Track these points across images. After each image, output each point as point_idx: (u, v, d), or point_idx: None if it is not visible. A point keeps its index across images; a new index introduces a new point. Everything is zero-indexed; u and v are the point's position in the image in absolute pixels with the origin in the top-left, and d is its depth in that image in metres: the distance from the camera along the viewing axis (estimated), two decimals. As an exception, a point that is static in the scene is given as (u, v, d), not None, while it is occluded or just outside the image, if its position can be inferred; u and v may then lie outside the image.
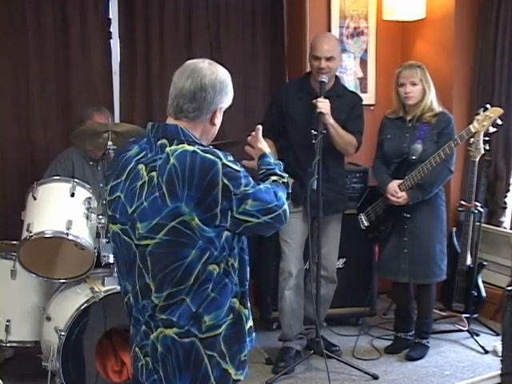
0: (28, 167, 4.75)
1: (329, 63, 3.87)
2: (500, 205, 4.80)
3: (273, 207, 1.98)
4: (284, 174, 2.18)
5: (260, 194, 1.96)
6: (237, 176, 1.92)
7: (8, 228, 4.46)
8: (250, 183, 1.95)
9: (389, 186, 3.99)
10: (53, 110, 4.82)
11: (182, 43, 5.04)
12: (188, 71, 1.99)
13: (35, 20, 4.72)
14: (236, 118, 5.20)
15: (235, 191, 1.90)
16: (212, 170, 1.88)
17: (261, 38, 5.31)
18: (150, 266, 1.94)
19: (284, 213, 2.02)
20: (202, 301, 1.93)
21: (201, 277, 1.91)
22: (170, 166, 1.89)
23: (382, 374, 3.89)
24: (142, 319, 2.01)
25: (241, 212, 1.92)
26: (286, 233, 3.98)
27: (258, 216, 1.95)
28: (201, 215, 1.88)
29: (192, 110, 1.98)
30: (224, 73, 2.04)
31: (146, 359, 2.03)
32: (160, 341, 1.96)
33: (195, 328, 1.94)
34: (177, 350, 1.95)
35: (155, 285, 1.94)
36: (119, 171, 2.01)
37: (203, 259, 1.90)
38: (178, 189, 1.87)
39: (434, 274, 4.06)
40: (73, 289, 3.57)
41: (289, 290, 4.01)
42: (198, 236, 1.89)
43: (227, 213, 1.90)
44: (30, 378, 3.72)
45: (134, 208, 1.95)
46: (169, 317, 1.94)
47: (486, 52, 4.76)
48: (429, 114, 3.96)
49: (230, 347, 1.98)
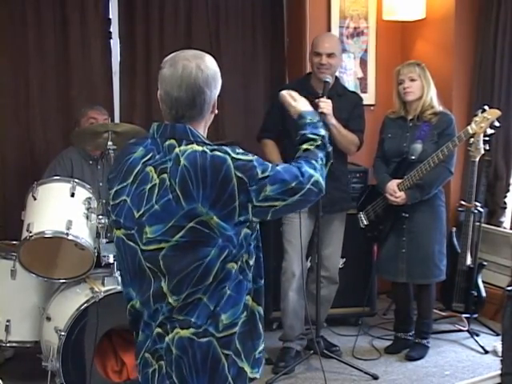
0: (28, 167, 4.75)
1: (330, 60, 3.88)
2: (500, 205, 4.80)
3: (296, 186, 1.93)
4: (318, 135, 2.10)
5: (278, 175, 1.91)
6: (249, 166, 1.88)
7: (8, 228, 4.46)
8: (266, 168, 1.90)
9: (388, 186, 3.99)
10: (53, 109, 4.83)
11: (182, 43, 5.03)
12: (179, 78, 1.91)
13: (35, 20, 4.72)
14: (236, 118, 5.22)
15: (250, 182, 1.87)
16: (223, 167, 1.85)
17: (261, 38, 5.32)
18: (164, 269, 1.89)
19: (315, 185, 1.97)
20: (219, 299, 1.90)
21: (219, 275, 1.89)
22: (182, 167, 1.86)
23: (381, 374, 3.89)
24: (155, 323, 1.96)
25: (262, 199, 1.89)
26: (291, 232, 3.97)
27: (284, 198, 1.91)
28: (219, 213, 1.85)
29: (195, 114, 1.95)
30: (210, 64, 1.97)
31: (159, 363, 1.96)
32: (175, 343, 1.92)
33: (212, 327, 1.91)
34: (194, 350, 1.91)
35: (173, 287, 1.89)
36: (124, 174, 1.96)
37: (222, 257, 1.88)
38: (192, 190, 1.85)
39: (432, 275, 4.06)
40: (73, 289, 3.57)
41: (292, 291, 4.00)
42: (218, 234, 1.86)
43: (247, 205, 1.87)
44: (30, 378, 3.72)
45: (142, 212, 1.90)
46: (186, 317, 1.90)
47: (486, 52, 4.76)
48: (429, 112, 3.96)
49: (244, 345, 1.96)
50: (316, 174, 1.99)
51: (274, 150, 4.05)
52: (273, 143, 4.07)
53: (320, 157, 2.05)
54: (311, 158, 2.04)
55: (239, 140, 4.77)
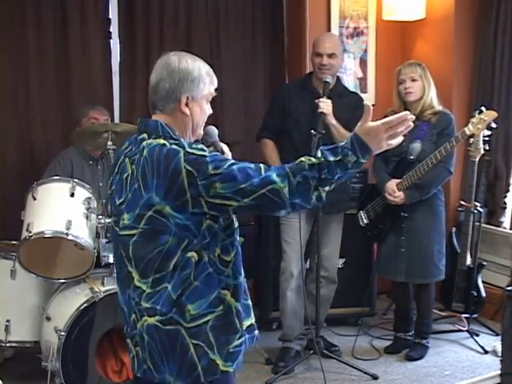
0: (28, 167, 4.75)
1: (331, 60, 3.87)
2: (500, 205, 4.81)
3: (247, 188, 1.86)
4: (326, 157, 1.90)
5: (231, 174, 1.87)
6: (201, 161, 1.88)
7: (8, 228, 4.46)
8: (220, 166, 1.87)
9: (387, 185, 3.99)
10: (53, 110, 4.82)
11: (182, 43, 5.04)
12: (156, 66, 2.04)
13: (35, 20, 4.72)
14: (236, 118, 5.22)
15: (199, 177, 1.87)
16: (175, 159, 1.89)
17: (261, 39, 5.32)
18: (131, 254, 1.99)
19: (273, 193, 1.86)
20: (183, 288, 1.94)
21: (180, 263, 1.93)
22: (143, 158, 1.95)
23: (381, 374, 3.89)
24: (129, 309, 2.05)
25: (213, 196, 1.88)
26: (289, 232, 3.98)
27: (237, 198, 1.88)
28: (171, 203, 1.90)
29: (158, 100, 2.02)
30: (188, 62, 2.02)
31: (136, 349, 2.05)
32: (145, 329, 1.99)
33: (178, 316, 1.95)
34: (161, 337, 1.97)
35: (139, 272, 1.98)
36: (113, 166, 2.11)
37: (182, 246, 1.93)
38: (148, 179, 1.92)
39: (431, 274, 4.06)
40: (72, 289, 3.57)
41: (290, 291, 4.00)
42: (172, 223, 1.91)
43: (198, 199, 1.88)
44: (30, 378, 3.73)
45: (122, 200, 2.01)
46: (153, 305, 1.97)
47: (486, 52, 4.76)
48: (429, 112, 3.96)
49: (218, 338, 1.99)
50: (280, 183, 1.86)
51: (273, 151, 4.05)
52: (272, 143, 4.07)
53: (305, 174, 1.88)
54: (294, 169, 1.90)
55: (239, 140, 4.79)
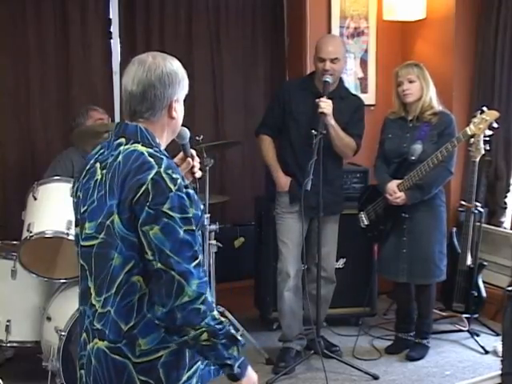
0: (28, 167, 4.74)
1: (333, 65, 3.86)
2: (500, 205, 4.80)
3: (173, 259, 1.70)
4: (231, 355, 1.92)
5: (173, 235, 1.72)
6: (165, 191, 1.73)
7: (8, 228, 4.45)
8: (176, 213, 1.72)
9: (388, 186, 3.99)
10: (53, 109, 4.82)
11: (182, 43, 5.04)
12: (133, 71, 1.87)
13: (35, 20, 4.71)
14: (236, 118, 5.21)
15: (151, 203, 1.72)
16: (144, 173, 1.75)
17: (261, 38, 5.32)
18: (93, 267, 1.84)
19: (184, 294, 1.70)
20: (137, 321, 1.78)
21: (122, 287, 1.78)
22: (116, 163, 1.81)
23: (382, 374, 3.89)
24: (81, 328, 1.91)
25: (143, 231, 1.73)
26: (284, 233, 3.99)
27: (156, 258, 1.71)
28: (121, 215, 1.76)
29: (145, 109, 1.87)
30: (171, 63, 1.89)
31: (80, 372, 1.92)
32: (94, 352, 1.84)
33: (128, 349, 1.79)
34: (108, 365, 1.82)
35: (95, 289, 1.84)
36: (81, 171, 1.96)
37: (126, 268, 1.77)
38: (114, 186, 1.79)
39: (432, 275, 4.06)
40: (73, 289, 3.56)
41: (288, 291, 4.00)
42: (118, 237, 1.77)
43: (135, 221, 1.73)
44: (30, 377, 3.72)
45: (86, 207, 1.88)
46: (103, 328, 1.82)
47: (486, 52, 4.76)
48: (429, 112, 3.96)
49: (168, 375, 1.83)
50: (201, 300, 1.74)
51: (270, 147, 4.05)
52: (270, 140, 4.06)
53: (230, 344, 1.88)
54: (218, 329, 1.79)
55: (239, 140, 4.78)
